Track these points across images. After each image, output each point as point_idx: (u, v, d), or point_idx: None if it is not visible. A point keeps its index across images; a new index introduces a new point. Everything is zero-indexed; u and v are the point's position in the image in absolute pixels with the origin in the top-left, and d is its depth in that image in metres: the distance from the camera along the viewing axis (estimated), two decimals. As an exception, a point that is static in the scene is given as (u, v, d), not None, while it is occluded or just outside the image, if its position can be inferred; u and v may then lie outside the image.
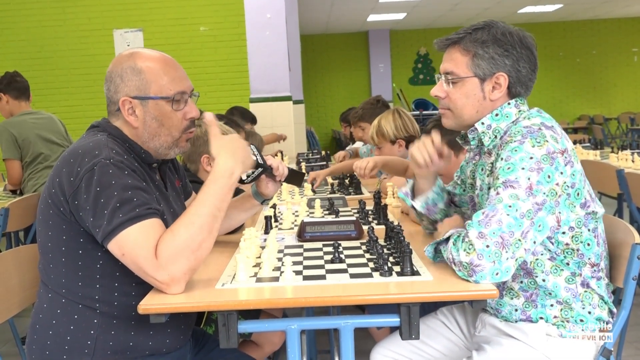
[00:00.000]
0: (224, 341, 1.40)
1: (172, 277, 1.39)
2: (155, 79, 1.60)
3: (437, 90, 1.70)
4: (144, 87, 1.59)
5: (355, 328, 1.44)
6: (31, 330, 1.58)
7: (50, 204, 1.53)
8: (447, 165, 1.78)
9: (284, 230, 2.16)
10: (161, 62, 1.63)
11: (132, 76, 1.59)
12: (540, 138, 1.52)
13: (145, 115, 1.60)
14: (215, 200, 1.47)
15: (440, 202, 1.88)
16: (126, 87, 1.59)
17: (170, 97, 1.61)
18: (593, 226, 1.59)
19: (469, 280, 1.42)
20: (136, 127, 1.61)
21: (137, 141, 1.62)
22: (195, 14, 7.05)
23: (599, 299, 1.61)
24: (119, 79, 1.60)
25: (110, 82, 1.61)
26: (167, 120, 1.62)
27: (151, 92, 1.59)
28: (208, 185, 1.50)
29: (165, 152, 1.66)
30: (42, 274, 1.60)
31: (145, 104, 1.60)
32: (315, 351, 3.03)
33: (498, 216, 1.45)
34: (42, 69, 7.10)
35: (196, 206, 1.46)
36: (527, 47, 1.64)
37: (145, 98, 1.59)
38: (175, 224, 1.44)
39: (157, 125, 1.62)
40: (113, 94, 1.61)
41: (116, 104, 1.61)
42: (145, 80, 1.59)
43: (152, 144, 1.63)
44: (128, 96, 1.59)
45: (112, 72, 1.62)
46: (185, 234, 1.41)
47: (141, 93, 1.59)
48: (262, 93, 5.74)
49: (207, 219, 1.44)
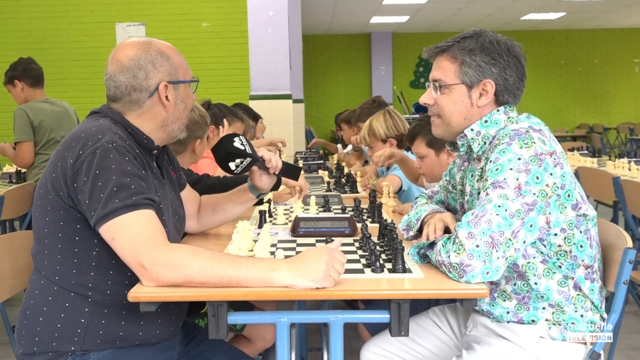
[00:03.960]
0: (213, 332, 1.40)
1: (158, 276, 1.38)
2: (180, 64, 1.66)
3: (426, 98, 1.73)
4: (174, 71, 1.65)
5: (347, 327, 1.44)
6: (21, 315, 1.58)
7: (49, 188, 1.53)
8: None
9: (277, 225, 2.16)
10: (174, 48, 1.70)
11: (164, 62, 1.63)
12: (527, 140, 1.53)
13: (176, 98, 1.65)
14: (246, 275, 1.40)
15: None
16: (159, 72, 1.62)
17: (195, 79, 1.71)
18: (585, 228, 1.59)
19: (459, 282, 1.42)
20: (168, 111, 1.65)
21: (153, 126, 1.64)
22: (198, 10, 7.06)
23: (591, 304, 1.61)
24: (151, 65, 1.61)
25: (139, 69, 1.60)
26: (190, 103, 1.71)
27: (180, 76, 1.66)
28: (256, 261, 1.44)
29: (177, 135, 1.71)
30: (36, 260, 1.59)
31: (177, 87, 1.66)
32: (306, 348, 3.03)
33: (487, 216, 1.45)
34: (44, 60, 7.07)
35: (229, 260, 1.41)
36: (515, 55, 1.66)
37: (179, 82, 1.65)
38: (203, 250, 1.42)
39: (183, 108, 1.68)
40: (143, 81, 1.61)
41: (147, 90, 1.61)
42: (174, 65, 1.65)
43: (172, 127, 1.67)
44: (164, 81, 1.62)
45: (138, 59, 1.60)
46: (199, 265, 1.38)
47: (173, 77, 1.64)
48: (262, 90, 5.74)
49: (224, 277, 1.39)
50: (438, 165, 2.43)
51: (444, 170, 2.36)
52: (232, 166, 1.81)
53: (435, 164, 2.44)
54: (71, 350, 1.52)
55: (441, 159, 2.42)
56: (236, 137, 1.83)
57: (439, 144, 2.41)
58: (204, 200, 2.02)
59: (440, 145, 2.40)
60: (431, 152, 2.45)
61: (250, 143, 1.81)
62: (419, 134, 2.48)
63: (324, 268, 1.38)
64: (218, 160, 1.85)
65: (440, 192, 1.97)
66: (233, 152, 1.80)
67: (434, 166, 2.46)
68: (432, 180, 2.53)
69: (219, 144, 1.83)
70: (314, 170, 3.88)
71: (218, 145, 1.83)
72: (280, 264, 1.41)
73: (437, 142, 2.40)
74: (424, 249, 1.57)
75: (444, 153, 2.41)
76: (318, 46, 14.15)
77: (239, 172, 1.83)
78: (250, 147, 1.81)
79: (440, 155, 2.43)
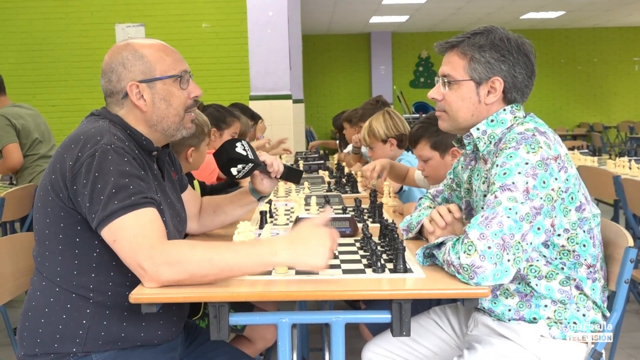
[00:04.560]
0: (214, 333, 1.40)
1: (159, 275, 1.38)
2: (158, 61, 1.62)
3: (434, 93, 1.73)
4: (149, 70, 1.61)
5: (348, 327, 1.44)
6: (23, 317, 1.58)
7: (49, 190, 1.53)
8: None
9: (278, 225, 2.16)
10: (159, 45, 1.65)
11: (135, 61, 1.60)
12: (534, 144, 1.53)
13: (153, 97, 1.61)
14: (246, 262, 1.41)
15: None
16: (130, 73, 1.60)
17: (178, 75, 1.63)
18: (588, 227, 1.59)
19: (469, 283, 1.42)
20: (145, 111, 1.62)
21: (144, 127, 1.63)
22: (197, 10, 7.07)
23: (592, 303, 1.61)
24: (122, 67, 1.60)
25: (111, 72, 1.61)
26: (175, 100, 1.64)
27: (157, 73, 1.61)
28: (254, 247, 1.44)
29: (173, 134, 1.67)
30: (37, 262, 1.59)
31: (153, 85, 1.61)
32: (308, 349, 3.04)
33: (498, 218, 1.45)
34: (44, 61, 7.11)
35: (229, 249, 1.42)
36: (525, 53, 1.66)
37: (153, 80, 1.60)
38: (200, 243, 1.42)
39: (166, 107, 1.63)
40: (116, 84, 1.61)
41: (121, 92, 1.61)
42: (149, 63, 1.61)
43: (160, 127, 1.64)
44: (134, 81, 1.60)
45: (111, 62, 1.62)
46: (198, 257, 1.39)
47: (147, 76, 1.60)
48: (262, 91, 5.74)
49: (224, 266, 1.40)
50: (443, 167, 2.40)
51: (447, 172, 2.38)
52: (234, 171, 1.81)
53: (441, 165, 2.42)
54: (73, 352, 1.52)
55: (446, 160, 2.40)
56: (238, 142, 1.83)
57: (444, 146, 2.39)
58: (205, 201, 2.02)
59: (445, 147, 2.39)
60: (436, 154, 2.43)
61: (252, 147, 1.81)
62: (423, 137, 2.46)
63: (325, 255, 1.39)
64: (220, 166, 1.85)
65: (444, 190, 1.97)
66: (235, 157, 1.80)
67: (438, 168, 2.43)
68: (435, 183, 2.52)
69: (221, 149, 1.83)
70: (314, 171, 3.89)
71: (220, 150, 1.83)
72: (279, 247, 1.41)
73: (442, 144, 2.39)
74: (431, 248, 1.57)
75: (449, 155, 2.39)
76: (318, 46, 14.15)
77: (240, 177, 1.83)
78: (252, 151, 1.80)
79: (445, 158, 2.41)
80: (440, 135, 2.34)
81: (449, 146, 2.36)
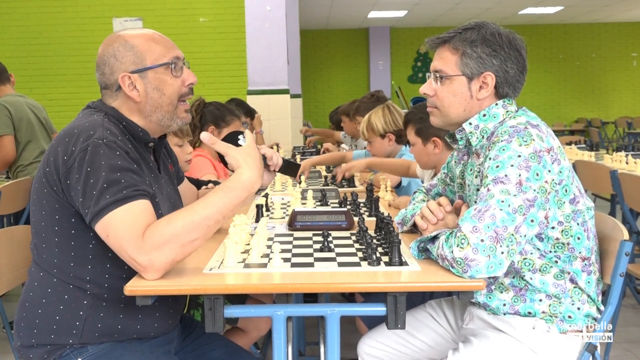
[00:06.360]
0: (209, 325, 1.40)
1: (152, 262, 1.38)
2: (148, 49, 1.61)
3: (425, 88, 1.73)
4: (140, 59, 1.60)
5: (345, 322, 1.44)
6: (20, 308, 1.58)
7: (44, 182, 1.53)
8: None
9: (274, 219, 2.16)
10: (149, 35, 1.64)
11: (126, 52, 1.60)
12: (527, 137, 1.53)
13: (146, 87, 1.61)
14: (225, 207, 1.45)
15: None
16: (122, 64, 1.60)
17: (169, 62, 1.62)
18: (582, 220, 1.60)
19: (463, 277, 1.42)
20: (139, 102, 1.61)
21: (139, 118, 1.63)
22: (195, 4, 7.05)
23: (587, 297, 1.62)
24: (113, 59, 1.60)
25: (104, 65, 1.61)
26: (168, 88, 1.63)
27: (148, 62, 1.60)
28: (225, 190, 1.48)
29: (168, 124, 1.66)
30: (34, 254, 1.60)
31: (145, 75, 1.60)
32: (304, 342, 3.04)
33: (491, 211, 1.45)
34: (41, 55, 7.09)
35: (203, 205, 1.44)
36: (516, 48, 1.66)
37: (144, 69, 1.60)
38: (175, 214, 1.43)
39: (159, 96, 1.62)
40: (109, 76, 1.61)
41: (115, 84, 1.61)
42: (139, 52, 1.60)
43: (155, 117, 1.63)
44: (126, 72, 1.59)
45: (103, 55, 1.62)
46: (180, 227, 1.39)
47: (138, 66, 1.60)
48: (259, 85, 5.73)
49: (208, 222, 1.42)
50: (425, 154, 2.46)
51: (430, 160, 2.44)
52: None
53: (422, 152, 2.47)
54: (69, 343, 1.52)
55: (427, 148, 2.44)
56: (241, 134, 1.83)
57: (426, 134, 2.43)
58: (202, 194, 2.02)
59: (427, 135, 2.42)
60: (419, 140, 2.47)
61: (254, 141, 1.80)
62: (411, 121, 2.51)
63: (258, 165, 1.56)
64: (221, 157, 1.85)
65: (438, 185, 1.97)
66: None
67: (420, 154, 2.49)
68: (421, 167, 2.59)
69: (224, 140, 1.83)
70: (311, 165, 3.87)
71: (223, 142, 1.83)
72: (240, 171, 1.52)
73: (424, 132, 2.42)
74: (425, 242, 1.57)
75: (430, 143, 2.43)
76: (316, 41, 14.12)
77: None
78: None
79: (427, 145, 2.45)
80: (423, 123, 2.37)
81: (431, 135, 2.40)
